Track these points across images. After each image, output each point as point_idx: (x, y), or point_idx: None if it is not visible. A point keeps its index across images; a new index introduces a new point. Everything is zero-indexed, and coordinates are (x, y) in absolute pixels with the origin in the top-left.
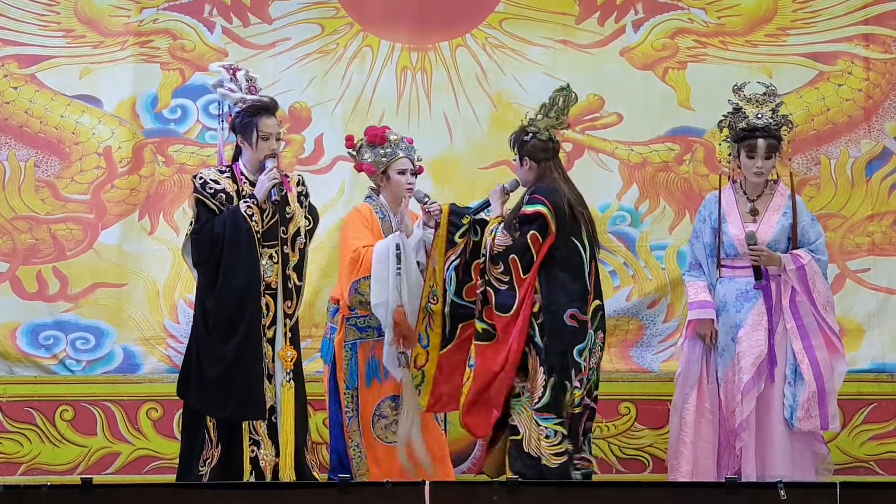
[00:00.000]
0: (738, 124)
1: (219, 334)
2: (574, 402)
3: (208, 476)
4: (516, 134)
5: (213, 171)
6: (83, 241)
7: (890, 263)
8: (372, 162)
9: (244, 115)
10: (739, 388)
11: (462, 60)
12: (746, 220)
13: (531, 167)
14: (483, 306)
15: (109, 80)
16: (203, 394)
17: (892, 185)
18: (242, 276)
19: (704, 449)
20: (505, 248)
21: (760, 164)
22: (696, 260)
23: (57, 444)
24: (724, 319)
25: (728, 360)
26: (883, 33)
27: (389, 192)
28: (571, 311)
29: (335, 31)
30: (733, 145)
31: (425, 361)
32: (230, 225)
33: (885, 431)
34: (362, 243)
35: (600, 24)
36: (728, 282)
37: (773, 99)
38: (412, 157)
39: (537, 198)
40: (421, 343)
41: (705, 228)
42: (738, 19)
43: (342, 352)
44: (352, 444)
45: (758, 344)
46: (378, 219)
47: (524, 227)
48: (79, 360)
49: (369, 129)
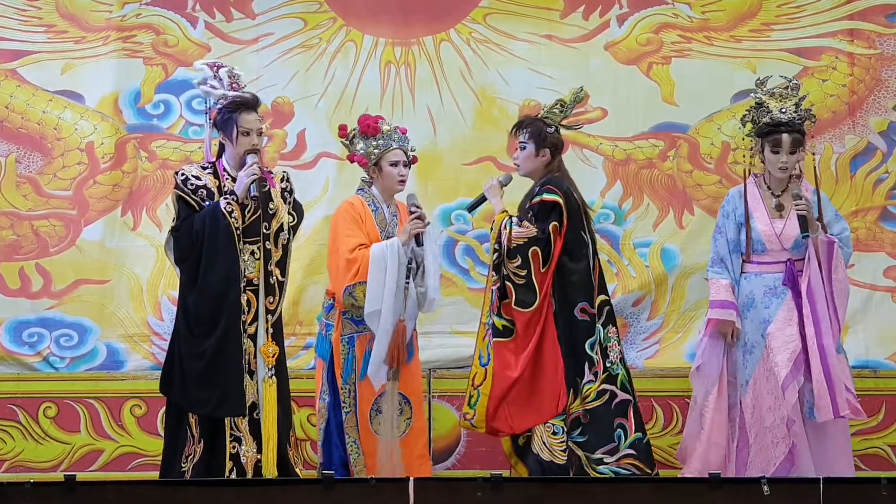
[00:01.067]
0: (761, 119)
1: (199, 331)
2: (590, 397)
3: (190, 473)
4: (534, 124)
5: (195, 168)
6: (66, 237)
7: (874, 260)
8: (364, 153)
9: (224, 112)
10: (779, 383)
11: (446, 55)
12: (773, 217)
13: (545, 158)
14: (500, 301)
15: (92, 76)
16: (184, 390)
17: (877, 180)
18: (221, 272)
19: (717, 445)
20: (526, 241)
21: (785, 160)
22: (718, 256)
23: (40, 441)
24: (753, 316)
25: (758, 357)
26: (867, 28)
27: (381, 184)
28: (582, 304)
29: (318, 26)
30: (756, 140)
31: (483, 380)
32: (209, 221)
33: (868, 427)
34: (356, 242)
35: (585, 18)
36: (755, 277)
37: (796, 93)
38: (406, 148)
39: (552, 188)
40: (480, 362)
41: (729, 224)
42: (723, 14)
43: (340, 347)
44: (349, 439)
45: (791, 339)
46: (370, 211)
47: (544, 217)
48: (62, 357)
49: (362, 118)
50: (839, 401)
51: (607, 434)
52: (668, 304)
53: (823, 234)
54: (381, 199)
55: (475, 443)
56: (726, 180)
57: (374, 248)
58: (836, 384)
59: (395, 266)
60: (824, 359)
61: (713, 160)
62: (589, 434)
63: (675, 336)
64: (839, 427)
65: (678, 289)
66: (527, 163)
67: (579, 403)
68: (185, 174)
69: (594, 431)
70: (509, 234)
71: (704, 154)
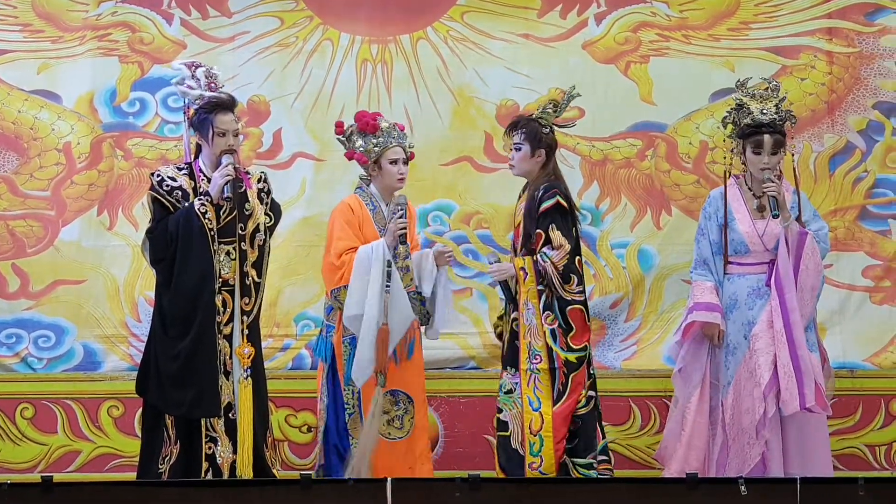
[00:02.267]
0: (742, 120)
1: (174, 332)
2: (581, 402)
3: (167, 474)
4: (529, 125)
5: (171, 169)
6: (44, 237)
7: (853, 259)
8: (364, 151)
9: (201, 112)
10: (760, 386)
11: (423, 53)
12: (755, 217)
13: (541, 159)
14: (566, 336)
15: (69, 76)
16: (160, 391)
17: (856, 179)
18: (196, 273)
19: (697, 448)
20: (568, 256)
21: (767, 160)
22: (701, 257)
23: (17, 443)
24: (736, 317)
25: (740, 358)
26: (846, 27)
27: (381, 181)
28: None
29: (295, 24)
30: (738, 141)
31: (540, 426)
32: (183, 223)
33: (846, 427)
34: (345, 245)
35: (562, 17)
36: (738, 279)
37: (776, 94)
38: (404, 145)
39: (556, 192)
40: (532, 407)
41: (711, 225)
42: (701, 13)
43: (341, 349)
44: (353, 441)
45: (774, 341)
46: (369, 211)
47: (562, 223)
48: (40, 357)
49: (360, 114)
50: (806, 393)
51: (591, 439)
52: (646, 306)
53: (796, 224)
54: (379, 198)
55: (453, 443)
56: (704, 180)
57: (359, 251)
58: (804, 377)
59: (378, 268)
60: (793, 351)
61: (691, 160)
62: (579, 439)
63: (653, 336)
64: (818, 426)
65: (655, 290)
66: (522, 163)
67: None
68: (161, 175)
69: (583, 437)
70: (552, 263)
71: (682, 153)
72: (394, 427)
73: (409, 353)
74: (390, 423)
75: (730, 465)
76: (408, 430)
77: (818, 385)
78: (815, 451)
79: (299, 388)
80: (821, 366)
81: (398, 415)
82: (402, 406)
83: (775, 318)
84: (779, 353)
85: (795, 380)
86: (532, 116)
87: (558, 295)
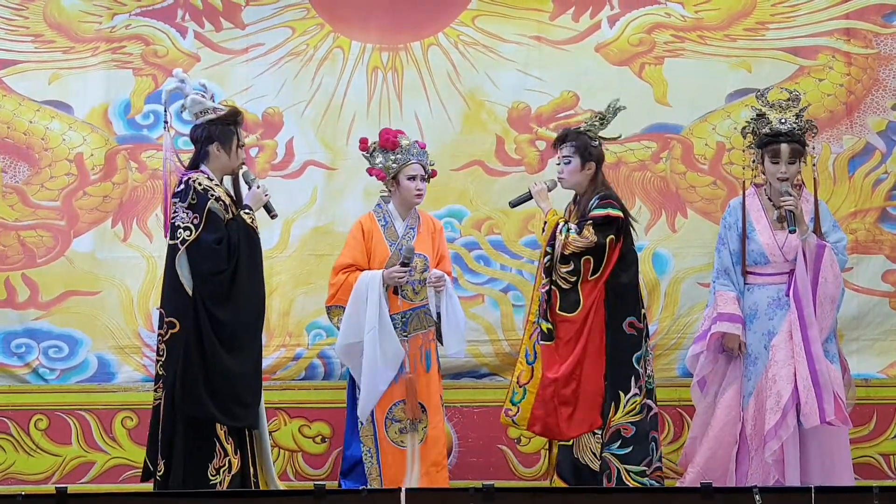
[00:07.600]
0: (761, 130)
1: (237, 344)
2: (635, 410)
3: (225, 484)
4: (578, 138)
5: (204, 177)
6: (54, 248)
7: (873, 263)
8: (383, 167)
9: (220, 123)
10: (780, 398)
11: (434, 59)
12: (776, 228)
13: (590, 171)
14: (547, 305)
15: (80, 86)
16: (220, 402)
17: (876, 181)
18: (260, 284)
19: (722, 456)
20: (582, 249)
21: (784, 170)
22: (723, 267)
23: (31, 454)
24: (757, 327)
25: (760, 368)
26: (864, 28)
27: (399, 197)
28: (631, 319)
29: (305, 32)
30: (757, 151)
31: (529, 378)
32: (243, 233)
33: (861, 436)
34: (346, 262)
35: (575, 19)
36: (759, 289)
37: (796, 104)
38: (424, 163)
39: (611, 202)
40: (527, 360)
41: (731, 235)
42: (717, 13)
43: None
44: (364, 448)
45: (793, 354)
46: (380, 227)
47: (602, 230)
48: (52, 368)
49: (383, 132)
50: (826, 407)
51: (645, 447)
52: (662, 311)
53: (814, 237)
54: (394, 214)
55: (467, 453)
56: (721, 182)
57: (361, 277)
58: (823, 390)
59: (375, 298)
60: (812, 365)
61: (707, 161)
62: (633, 447)
63: (670, 342)
64: (839, 438)
65: (671, 294)
66: (573, 176)
67: (621, 416)
68: (203, 184)
69: (637, 444)
70: (565, 240)
71: (698, 155)
72: (405, 435)
73: (428, 366)
74: (401, 432)
75: (752, 476)
76: (421, 438)
77: (838, 398)
78: (836, 463)
79: (313, 398)
80: (841, 376)
81: (410, 423)
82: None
83: (794, 331)
84: (798, 366)
85: (814, 394)
86: (580, 129)
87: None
